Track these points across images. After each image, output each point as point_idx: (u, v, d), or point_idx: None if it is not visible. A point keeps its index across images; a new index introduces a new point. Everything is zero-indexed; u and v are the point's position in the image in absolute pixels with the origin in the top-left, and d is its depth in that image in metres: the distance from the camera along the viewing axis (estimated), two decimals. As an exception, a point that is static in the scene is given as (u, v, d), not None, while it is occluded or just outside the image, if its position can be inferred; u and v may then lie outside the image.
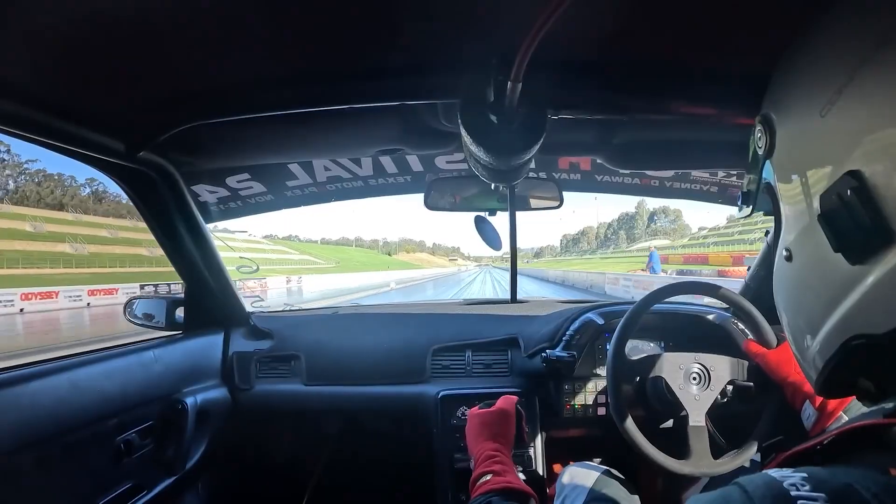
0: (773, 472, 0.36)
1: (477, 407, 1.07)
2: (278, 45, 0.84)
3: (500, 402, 1.04)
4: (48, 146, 0.96)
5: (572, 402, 1.37)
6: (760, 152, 0.53)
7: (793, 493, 0.34)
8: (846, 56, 0.41)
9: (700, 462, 1.11)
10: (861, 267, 0.39)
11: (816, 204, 0.43)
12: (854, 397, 0.95)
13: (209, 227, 1.45)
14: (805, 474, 0.34)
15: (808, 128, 0.45)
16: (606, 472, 1.13)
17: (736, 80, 0.89)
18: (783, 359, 1.09)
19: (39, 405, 0.93)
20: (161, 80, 0.92)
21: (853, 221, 0.38)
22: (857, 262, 0.39)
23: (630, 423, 1.13)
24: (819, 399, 0.98)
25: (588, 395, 1.38)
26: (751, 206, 0.61)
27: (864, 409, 0.96)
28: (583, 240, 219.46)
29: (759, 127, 0.53)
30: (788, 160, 0.49)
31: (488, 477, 0.82)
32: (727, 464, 1.11)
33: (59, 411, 0.97)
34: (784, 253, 0.50)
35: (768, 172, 0.53)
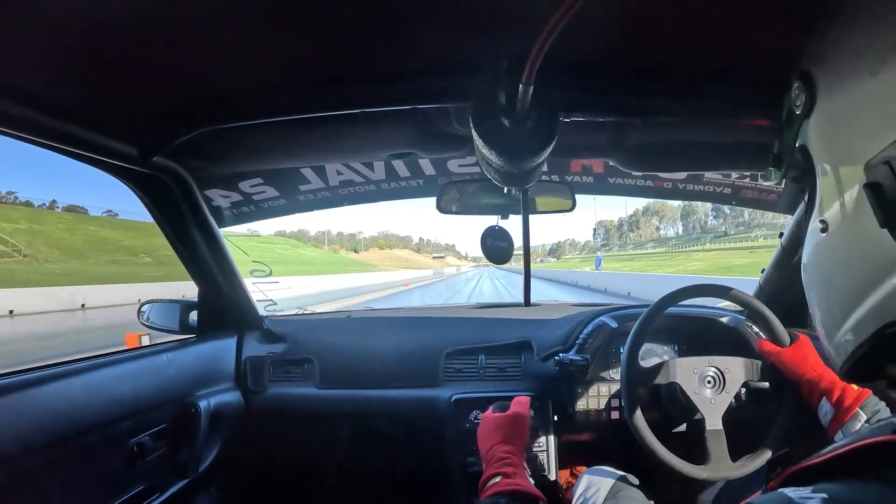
0: (791, 493, 0.34)
1: (490, 410, 1.06)
2: (290, 50, 0.84)
3: (515, 406, 1.03)
4: (62, 151, 0.97)
5: (586, 406, 1.36)
6: (797, 112, 0.48)
7: None
8: None
9: (719, 466, 1.10)
10: None
11: (862, 172, 0.38)
12: (870, 393, 0.94)
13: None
14: (825, 495, 0.32)
15: (856, 87, 0.41)
16: (623, 478, 1.12)
17: (749, 82, 0.88)
18: (798, 357, 1.08)
19: (53, 408, 0.94)
20: (174, 86, 0.93)
21: None
22: None
23: (647, 431, 1.12)
24: (836, 396, 0.97)
25: (601, 398, 1.36)
26: (782, 171, 0.56)
27: (881, 406, 0.94)
28: (643, 224, 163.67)
29: (796, 84, 0.48)
30: (830, 122, 0.45)
31: (498, 479, 0.82)
32: (745, 466, 1.10)
33: (72, 414, 0.98)
34: (819, 225, 0.45)
35: (804, 134, 0.48)
